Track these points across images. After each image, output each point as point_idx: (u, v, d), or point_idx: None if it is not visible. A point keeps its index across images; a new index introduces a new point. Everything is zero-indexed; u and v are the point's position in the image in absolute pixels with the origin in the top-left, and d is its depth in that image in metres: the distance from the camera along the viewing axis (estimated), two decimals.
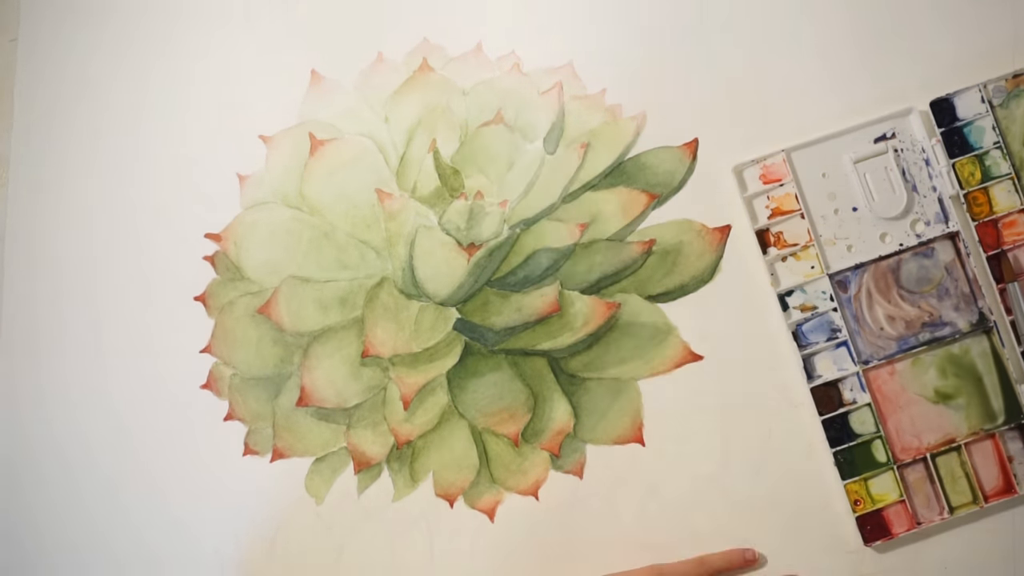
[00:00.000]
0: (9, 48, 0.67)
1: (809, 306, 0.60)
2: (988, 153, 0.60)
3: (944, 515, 0.58)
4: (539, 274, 0.62)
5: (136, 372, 0.63)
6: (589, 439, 0.60)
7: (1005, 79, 0.61)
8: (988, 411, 0.59)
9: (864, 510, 0.58)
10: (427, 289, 0.62)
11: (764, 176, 0.61)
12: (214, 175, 0.64)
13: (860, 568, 0.58)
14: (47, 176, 0.65)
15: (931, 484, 0.59)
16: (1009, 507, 0.59)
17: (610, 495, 0.60)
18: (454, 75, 0.64)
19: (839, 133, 0.61)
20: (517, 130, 0.63)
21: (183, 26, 0.66)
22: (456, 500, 0.60)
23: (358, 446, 0.61)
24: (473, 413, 0.61)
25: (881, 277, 0.61)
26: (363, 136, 0.64)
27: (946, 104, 0.61)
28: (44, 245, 0.65)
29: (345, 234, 0.63)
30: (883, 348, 0.60)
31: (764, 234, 0.61)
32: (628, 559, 0.59)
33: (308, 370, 0.62)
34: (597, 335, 0.61)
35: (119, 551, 0.61)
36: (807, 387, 0.59)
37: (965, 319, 0.60)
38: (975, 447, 0.59)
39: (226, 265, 0.63)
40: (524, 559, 0.60)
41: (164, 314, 0.63)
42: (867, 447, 0.59)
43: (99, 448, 0.62)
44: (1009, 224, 0.60)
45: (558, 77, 0.64)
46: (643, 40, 0.64)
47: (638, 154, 0.63)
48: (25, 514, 0.62)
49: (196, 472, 0.62)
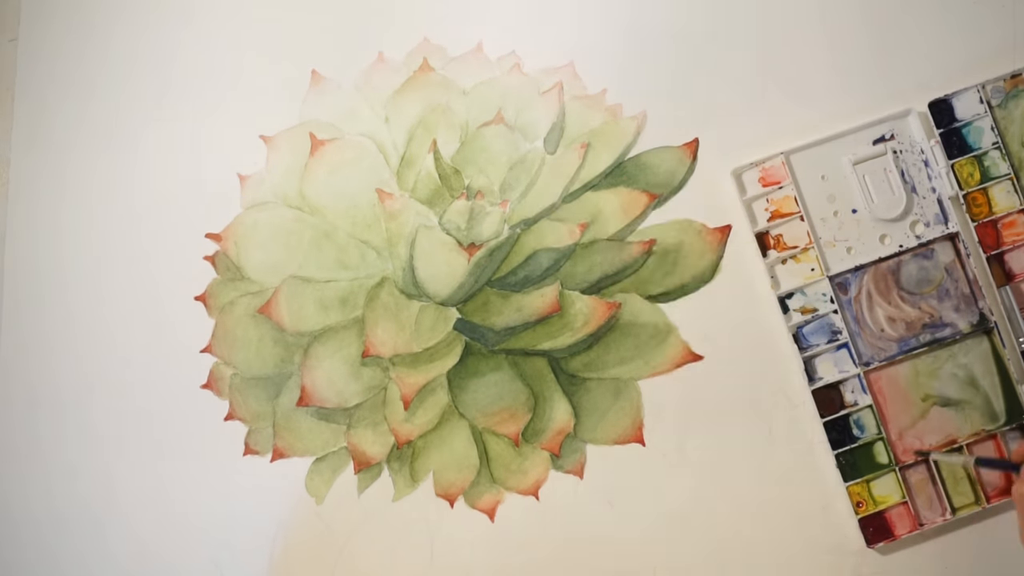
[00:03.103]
0: (9, 48, 0.67)
1: (809, 308, 0.60)
2: (987, 154, 0.60)
3: (946, 516, 0.58)
4: (539, 274, 0.62)
5: (136, 372, 0.63)
6: (589, 439, 0.60)
7: (1003, 80, 0.61)
8: (989, 412, 0.59)
9: (866, 512, 0.58)
10: (427, 289, 0.62)
11: (763, 179, 0.61)
12: (214, 175, 0.64)
13: (862, 570, 0.58)
14: (47, 176, 0.65)
15: (933, 485, 0.59)
16: (1011, 507, 0.59)
17: (610, 495, 0.60)
18: (454, 75, 0.64)
19: (838, 135, 0.61)
20: (517, 130, 0.63)
21: (183, 26, 0.66)
22: (456, 500, 0.60)
23: (358, 446, 0.61)
24: (473, 413, 0.61)
25: (881, 279, 0.61)
26: (363, 136, 0.64)
27: (945, 105, 0.61)
28: (44, 245, 0.65)
29: (345, 234, 0.63)
30: (884, 350, 0.60)
31: (764, 237, 0.61)
32: (628, 559, 0.59)
33: (308, 370, 0.62)
34: (597, 335, 0.61)
35: (119, 551, 0.61)
36: (808, 389, 0.59)
37: (966, 320, 0.60)
38: (977, 447, 0.59)
39: (226, 265, 0.63)
40: (524, 559, 0.60)
41: (164, 314, 0.63)
42: (869, 449, 0.59)
43: (99, 447, 0.62)
44: (1009, 224, 0.60)
45: (558, 77, 0.64)
46: (644, 40, 0.64)
47: (638, 154, 0.63)
48: (25, 514, 0.62)
49: (196, 472, 0.62)
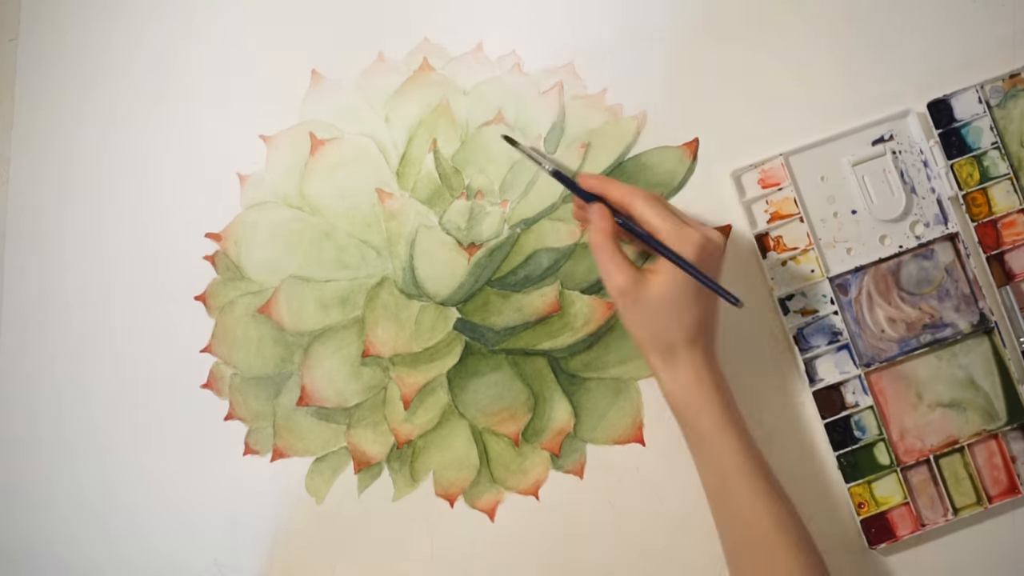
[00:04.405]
0: (9, 48, 0.67)
1: (810, 310, 0.60)
2: (986, 154, 0.60)
3: (948, 517, 0.58)
4: (539, 274, 0.62)
5: (136, 372, 0.63)
6: (589, 439, 0.60)
7: (1002, 79, 0.61)
8: (990, 411, 0.59)
9: (868, 513, 0.58)
10: (427, 289, 0.62)
11: (763, 180, 0.61)
12: (214, 175, 0.64)
13: (865, 571, 0.58)
14: (48, 176, 0.65)
15: (935, 486, 0.59)
16: (1013, 507, 0.59)
17: (610, 495, 0.60)
18: (454, 75, 0.64)
19: (837, 136, 0.61)
20: (518, 130, 0.63)
21: (183, 26, 0.66)
22: (456, 500, 0.60)
23: (358, 446, 0.61)
24: (473, 413, 0.61)
25: (881, 279, 0.61)
26: (364, 136, 0.64)
27: (943, 105, 0.61)
28: (44, 245, 0.64)
29: (345, 234, 0.63)
30: (884, 350, 0.60)
31: (764, 238, 0.61)
32: (628, 559, 0.59)
33: (308, 370, 0.62)
34: (597, 335, 0.61)
35: (119, 550, 0.61)
36: (809, 391, 0.59)
37: (966, 320, 0.60)
38: (978, 448, 0.59)
39: (226, 265, 0.63)
40: (524, 559, 0.60)
41: (164, 314, 0.63)
42: (870, 450, 0.59)
43: (99, 447, 0.62)
44: (1008, 224, 0.60)
45: (559, 77, 0.64)
46: (644, 40, 0.64)
47: (638, 154, 0.63)
48: (25, 513, 0.62)
49: (196, 472, 0.62)
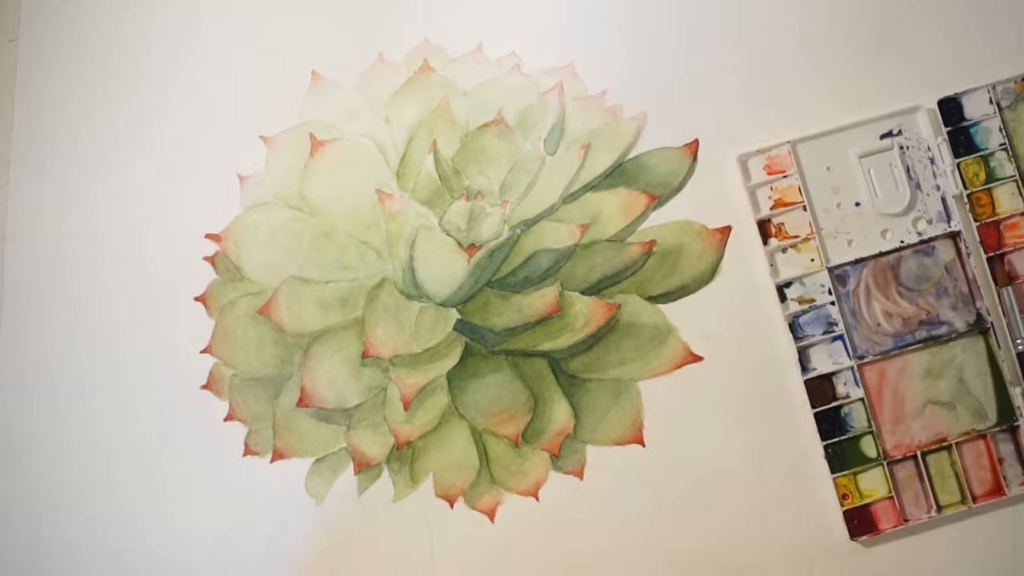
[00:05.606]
0: (9, 48, 0.67)
1: (807, 299, 0.60)
2: (993, 154, 0.60)
3: (932, 513, 0.58)
4: (539, 275, 0.62)
5: (136, 372, 0.63)
6: (589, 440, 0.60)
7: (1014, 81, 0.61)
8: (980, 411, 0.59)
9: (852, 504, 0.58)
10: (427, 290, 0.62)
11: (768, 167, 0.61)
12: (214, 175, 0.64)
13: (844, 562, 0.58)
14: (48, 176, 0.65)
15: (920, 482, 0.59)
16: (997, 508, 0.59)
17: (610, 495, 0.60)
18: (454, 76, 0.64)
19: (845, 127, 0.61)
20: (517, 130, 0.63)
21: (184, 26, 0.66)
22: (456, 501, 0.61)
23: (358, 447, 0.61)
24: (473, 414, 0.61)
25: (880, 273, 0.61)
26: (363, 137, 0.64)
27: (954, 103, 0.61)
28: (44, 245, 0.65)
29: (345, 235, 0.63)
30: (879, 344, 0.60)
31: (765, 225, 0.61)
32: (628, 559, 0.59)
33: (308, 370, 0.62)
34: (597, 336, 0.61)
35: (119, 551, 0.61)
36: (801, 379, 0.59)
37: (962, 319, 0.60)
38: (966, 447, 0.59)
39: (226, 265, 0.63)
40: (524, 559, 0.60)
41: (164, 314, 0.63)
42: (857, 442, 0.59)
43: (99, 447, 0.62)
44: (1011, 226, 0.60)
45: (559, 78, 0.64)
46: (644, 41, 0.64)
47: (639, 155, 0.63)
48: (25, 513, 0.62)
49: (196, 472, 0.62)
